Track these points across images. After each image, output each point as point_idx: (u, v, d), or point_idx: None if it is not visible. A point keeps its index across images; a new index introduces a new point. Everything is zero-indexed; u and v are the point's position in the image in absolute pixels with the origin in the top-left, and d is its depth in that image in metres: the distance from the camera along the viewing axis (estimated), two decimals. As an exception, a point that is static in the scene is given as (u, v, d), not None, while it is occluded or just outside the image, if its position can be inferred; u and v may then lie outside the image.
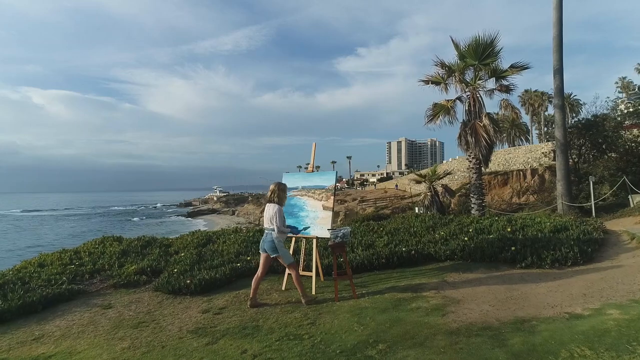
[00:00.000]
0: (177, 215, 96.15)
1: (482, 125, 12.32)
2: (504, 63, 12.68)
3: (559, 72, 12.36)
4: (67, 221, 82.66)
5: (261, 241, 5.05)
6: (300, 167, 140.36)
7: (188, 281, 5.96)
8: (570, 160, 18.02)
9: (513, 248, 6.00)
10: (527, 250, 5.95)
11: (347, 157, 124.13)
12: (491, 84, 13.02)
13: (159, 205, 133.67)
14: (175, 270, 6.49)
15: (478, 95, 12.93)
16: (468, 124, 12.67)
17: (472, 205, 13.05)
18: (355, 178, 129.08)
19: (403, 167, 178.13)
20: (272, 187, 5.15)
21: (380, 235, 7.61)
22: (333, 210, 5.72)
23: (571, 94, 59.26)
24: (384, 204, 50.32)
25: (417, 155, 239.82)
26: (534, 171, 21.18)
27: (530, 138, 66.02)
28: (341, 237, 5.21)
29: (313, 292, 5.44)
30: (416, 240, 7.02)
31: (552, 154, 23.51)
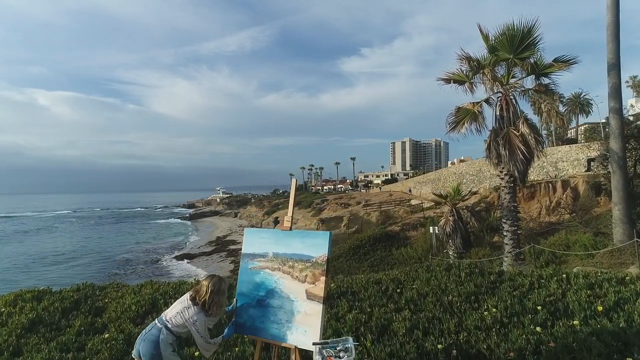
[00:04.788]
0: (179, 218, 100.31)
1: (518, 134, 9.87)
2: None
3: (615, 66, 9.85)
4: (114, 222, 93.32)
5: (138, 339, 3.12)
6: (304, 167, 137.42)
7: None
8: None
9: (630, 360, 3.56)
10: (654, 363, 3.51)
11: (351, 158, 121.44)
12: (528, 82, 10.57)
13: (179, 208, 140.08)
14: (79, 377, 4.13)
15: (512, 97, 10.48)
16: (500, 133, 10.22)
17: (505, 234, 10.59)
18: (359, 179, 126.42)
19: (407, 167, 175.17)
20: (205, 282, 3.26)
21: (399, 305, 5.20)
22: (325, 303, 3.32)
23: (581, 94, 56.80)
24: (389, 207, 47.90)
25: (422, 156, 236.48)
26: (564, 183, 18.51)
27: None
28: (338, 366, 2.81)
29: None
30: (455, 322, 4.60)
31: (587, 164, 20.99)
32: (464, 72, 10.88)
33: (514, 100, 10.45)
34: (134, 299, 6.00)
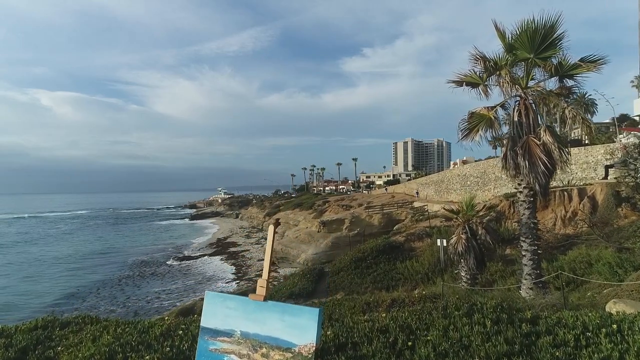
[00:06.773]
0: (181, 218, 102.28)
1: (539, 143, 8.81)
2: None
3: (649, 67, 8.77)
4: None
5: None
6: (305, 168, 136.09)
7: None
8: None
9: None
10: None
11: (353, 159, 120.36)
12: (549, 84, 9.50)
13: (181, 208, 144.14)
14: None
15: (531, 101, 9.42)
16: (518, 141, 9.16)
17: (523, 253, 9.53)
18: (361, 180, 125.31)
19: (410, 168, 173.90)
20: None
21: (411, 368, 4.15)
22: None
23: (586, 94, 55.75)
24: (391, 210, 46.89)
25: (424, 156, 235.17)
26: (581, 191, 17.44)
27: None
28: None
29: None
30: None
31: (605, 171, 19.86)
32: (477, 73, 9.84)
33: (533, 105, 9.40)
34: (89, 350, 4.97)
